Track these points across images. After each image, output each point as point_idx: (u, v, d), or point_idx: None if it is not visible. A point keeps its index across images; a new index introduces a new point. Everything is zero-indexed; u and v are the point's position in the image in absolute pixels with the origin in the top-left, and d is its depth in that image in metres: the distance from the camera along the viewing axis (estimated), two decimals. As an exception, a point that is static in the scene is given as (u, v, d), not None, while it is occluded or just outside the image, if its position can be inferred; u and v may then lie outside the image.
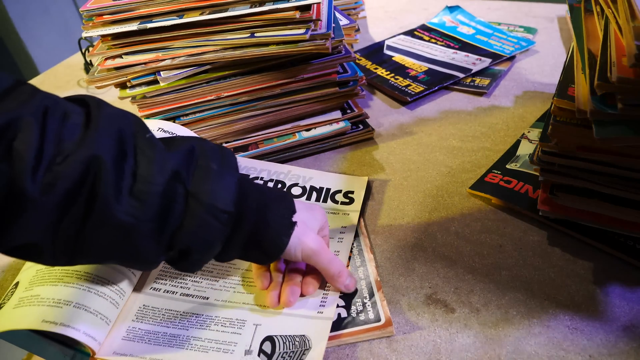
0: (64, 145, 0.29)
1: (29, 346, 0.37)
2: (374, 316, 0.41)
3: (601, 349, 0.37)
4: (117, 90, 0.57)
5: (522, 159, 0.57)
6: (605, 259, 0.44)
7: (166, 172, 0.32)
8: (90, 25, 0.54)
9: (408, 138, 0.65)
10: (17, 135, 0.27)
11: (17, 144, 0.27)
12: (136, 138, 0.32)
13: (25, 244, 0.29)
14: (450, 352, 0.38)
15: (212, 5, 0.53)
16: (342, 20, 0.73)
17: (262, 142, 0.62)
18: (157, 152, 0.32)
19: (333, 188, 0.55)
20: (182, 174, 0.33)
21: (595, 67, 0.37)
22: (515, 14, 1.01)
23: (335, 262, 0.41)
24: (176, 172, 0.32)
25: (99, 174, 0.29)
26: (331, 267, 0.41)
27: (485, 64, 0.79)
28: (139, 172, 0.31)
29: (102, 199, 0.29)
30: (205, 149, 0.35)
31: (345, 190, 0.55)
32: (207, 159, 0.35)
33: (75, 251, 0.31)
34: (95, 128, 0.30)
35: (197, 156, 0.34)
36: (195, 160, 0.34)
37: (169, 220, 0.32)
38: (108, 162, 0.29)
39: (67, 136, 0.29)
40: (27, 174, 0.27)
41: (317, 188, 0.55)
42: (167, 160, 0.32)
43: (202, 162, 0.34)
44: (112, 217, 0.30)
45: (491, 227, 0.49)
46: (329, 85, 0.60)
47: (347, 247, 0.47)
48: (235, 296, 0.43)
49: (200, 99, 0.56)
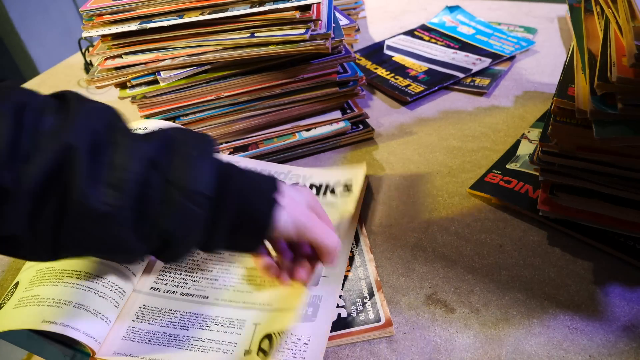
0: (40, 137, 0.29)
1: (29, 346, 0.37)
2: (374, 316, 0.41)
3: (601, 349, 0.37)
4: (117, 90, 0.57)
5: (522, 159, 0.57)
6: (605, 259, 0.44)
7: (143, 160, 0.31)
8: (90, 25, 0.54)
9: (408, 138, 0.65)
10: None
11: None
12: (114, 130, 0.32)
13: (3, 237, 0.29)
14: (450, 352, 0.38)
15: (212, 5, 0.53)
16: (342, 20, 0.73)
17: (262, 142, 0.62)
18: (135, 142, 0.32)
19: (332, 182, 0.55)
20: (161, 161, 0.32)
21: (595, 67, 0.37)
22: (515, 14, 1.01)
23: (331, 235, 0.39)
24: (154, 161, 0.32)
25: (74, 163, 0.29)
26: (328, 240, 0.39)
27: (485, 64, 0.79)
28: (115, 161, 0.31)
29: (78, 188, 0.29)
30: (186, 137, 0.35)
31: (344, 181, 0.54)
32: (187, 146, 0.34)
33: (57, 244, 0.31)
34: (72, 120, 0.30)
35: (176, 144, 0.34)
36: (174, 149, 0.33)
37: (147, 209, 0.31)
38: (83, 152, 0.29)
39: (43, 128, 0.29)
40: (2, 165, 0.27)
41: (317, 185, 0.55)
42: (144, 149, 0.32)
43: (181, 150, 0.34)
44: (88, 206, 0.29)
45: (491, 227, 0.50)
46: (329, 85, 0.60)
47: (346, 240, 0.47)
48: (235, 295, 0.43)
49: (200, 99, 0.56)
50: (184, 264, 0.46)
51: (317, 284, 0.43)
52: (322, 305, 0.41)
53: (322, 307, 0.41)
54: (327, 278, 0.44)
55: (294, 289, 0.42)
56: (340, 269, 0.45)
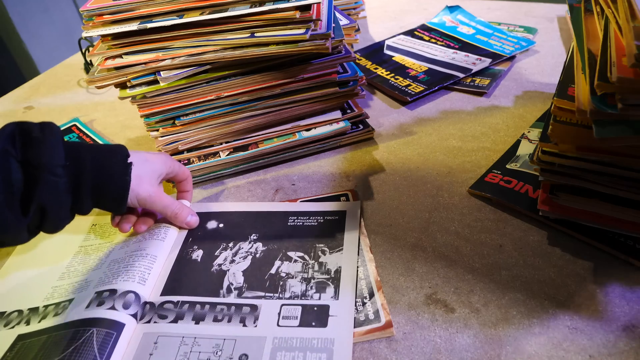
0: None
1: None
2: (374, 316, 0.41)
3: (601, 349, 0.37)
4: (117, 90, 0.57)
5: (522, 159, 0.57)
6: (605, 259, 0.44)
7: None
8: (90, 25, 0.54)
9: (408, 138, 0.65)
10: None
11: None
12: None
13: None
14: (450, 352, 0.38)
15: (212, 5, 0.53)
16: (342, 20, 0.73)
17: (262, 142, 0.62)
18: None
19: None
20: (9, 150, 0.38)
21: (595, 67, 0.37)
22: (515, 14, 1.01)
23: (170, 206, 0.50)
24: (3, 150, 0.38)
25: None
26: (167, 211, 0.50)
27: (485, 64, 0.79)
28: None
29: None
30: (25, 125, 0.41)
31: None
32: (28, 132, 0.40)
33: None
34: None
35: (19, 133, 0.40)
36: (17, 137, 0.39)
37: (13, 189, 0.38)
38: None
39: None
40: None
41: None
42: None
43: (25, 136, 0.40)
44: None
45: (491, 227, 0.50)
46: (329, 85, 0.60)
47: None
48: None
49: (200, 99, 0.56)
50: None
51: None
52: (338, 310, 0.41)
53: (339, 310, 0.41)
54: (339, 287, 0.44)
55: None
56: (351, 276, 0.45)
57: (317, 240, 0.49)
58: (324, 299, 0.42)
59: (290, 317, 0.41)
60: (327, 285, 0.44)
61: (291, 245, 0.49)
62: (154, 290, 0.45)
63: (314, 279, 0.44)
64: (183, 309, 0.42)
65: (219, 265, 0.47)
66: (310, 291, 0.43)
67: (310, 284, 0.44)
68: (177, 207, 0.51)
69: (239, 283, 0.45)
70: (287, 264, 0.46)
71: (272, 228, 0.51)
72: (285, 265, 0.46)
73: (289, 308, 0.42)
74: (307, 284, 0.44)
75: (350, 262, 0.46)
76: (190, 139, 0.59)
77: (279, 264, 0.47)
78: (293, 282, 0.44)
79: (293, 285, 0.44)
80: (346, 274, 0.44)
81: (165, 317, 0.42)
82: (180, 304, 0.43)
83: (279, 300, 0.43)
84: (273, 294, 0.43)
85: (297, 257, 0.47)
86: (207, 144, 0.61)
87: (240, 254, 0.48)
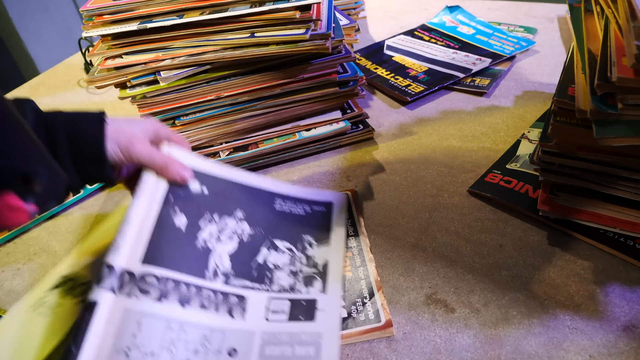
0: None
1: None
2: (374, 316, 0.41)
3: (601, 349, 0.37)
4: (117, 90, 0.57)
5: (522, 159, 0.57)
6: (605, 259, 0.44)
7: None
8: (90, 25, 0.54)
9: (408, 138, 0.65)
10: None
11: None
12: None
13: None
14: (450, 352, 0.38)
15: (212, 5, 0.53)
16: (342, 20, 0.73)
17: (262, 142, 0.62)
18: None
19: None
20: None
21: (595, 67, 0.37)
22: (515, 14, 1.01)
23: (156, 154, 0.43)
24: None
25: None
26: (155, 160, 0.43)
27: (485, 64, 0.79)
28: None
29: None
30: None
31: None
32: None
33: None
34: None
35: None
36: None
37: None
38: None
39: None
40: None
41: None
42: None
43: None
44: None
45: (491, 227, 0.50)
46: (329, 85, 0.60)
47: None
48: None
49: (200, 99, 0.56)
50: None
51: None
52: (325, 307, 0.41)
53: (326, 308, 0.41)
54: (327, 281, 0.44)
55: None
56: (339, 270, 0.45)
57: (303, 230, 0.49)
58: (312, 293, 0.42)
59: (279, 311, 0.41)
60: (315, 279, 0.44)
61: (278, 233, 0.48)
62: (132, 255, 0.39)
63: (302, 272, 0.45)
64: (167, 286, 0.39)
65: (204, 242, 0.44)
66: (298, 284, 0.43)
67: (297, 277, 0.44)
68: (168, 158, 0.43)
69: (226, 268, 0.43)
70: (275, 255, 0.46)
71: (259, 209, 0.49)
72: (272, 255, 0.46)
73: (277, 302, 0.42)
74: (294, 277, 0.44)
75: (338, 257, 0.46)
76: (190, 139, 0.59)
77: (266, 252, 0.46)
78: (281, 275, 0.44)
79: (281, 277, 0.44)
80: (334, 268, 0.45)
81: (148, 293, 0.38)
82: (164, 280, 0.39)
83: (267, 293, 0.42)
84: (261, 285, 0.43)
85: (285, 248, 0.47)
86: (207, 144, 0.61)
87: (227, 232, 0.46)
